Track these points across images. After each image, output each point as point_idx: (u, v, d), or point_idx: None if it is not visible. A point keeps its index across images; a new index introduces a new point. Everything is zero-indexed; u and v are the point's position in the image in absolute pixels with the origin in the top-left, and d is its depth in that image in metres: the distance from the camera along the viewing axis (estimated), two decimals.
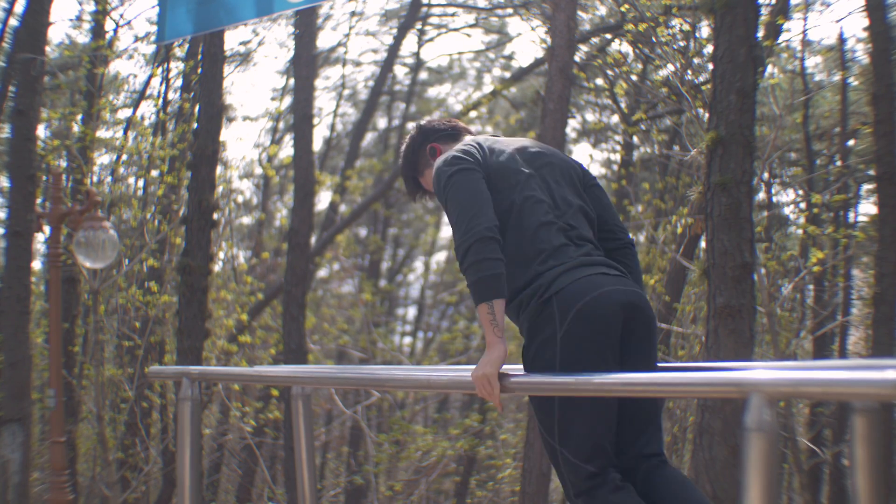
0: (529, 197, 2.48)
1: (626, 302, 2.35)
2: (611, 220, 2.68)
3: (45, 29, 8.14)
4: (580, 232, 2.50)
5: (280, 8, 4.45)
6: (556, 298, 2.33)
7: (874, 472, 1.76)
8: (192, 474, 3.09)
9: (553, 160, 2.64)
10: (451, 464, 12.29)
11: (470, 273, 2.32)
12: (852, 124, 9.69)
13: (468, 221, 2.35)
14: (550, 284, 2.35)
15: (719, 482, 4.64)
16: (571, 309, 2.30)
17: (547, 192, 2.52)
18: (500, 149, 2.60)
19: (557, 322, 2.32)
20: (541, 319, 2.36)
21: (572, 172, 2.65)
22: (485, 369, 2.26)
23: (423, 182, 2.84)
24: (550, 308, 2.34)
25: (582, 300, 2.30)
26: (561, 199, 2.53)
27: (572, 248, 2.43)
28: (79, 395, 9.67)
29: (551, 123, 8.09)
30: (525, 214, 2.45)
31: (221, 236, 11.71)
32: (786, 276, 8.51)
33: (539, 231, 2.43)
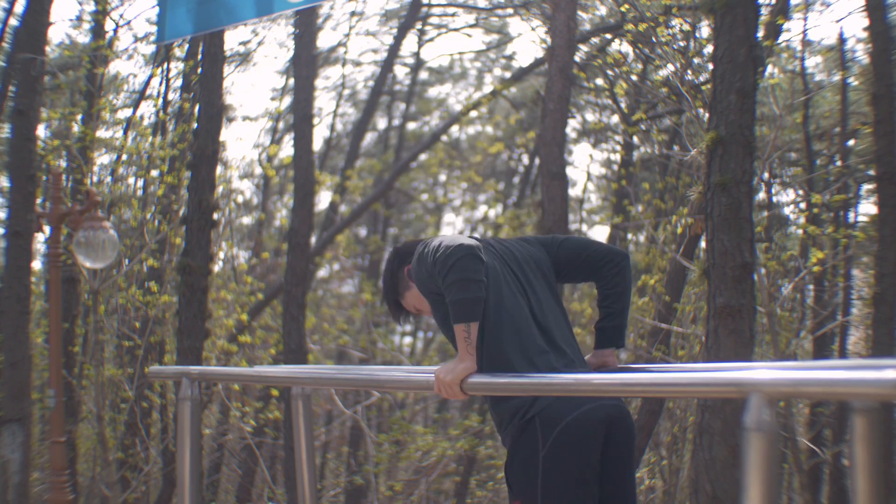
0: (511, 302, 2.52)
1: (606, 417, 2.42)
2: (596, 252, 2.72)
3: (45, 29, 8.14)
4: (558, 335, 2.55)
5: (280, 8, 4.45)
6: (539, 418, 2.39)
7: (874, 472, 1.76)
8: (192, 474, 3.09)
9: (518, 255, 2.67)
10: (451, 464, 12.29)
11: (453, 289, 2.35)
12: (852, 124, 9.69)
13: (454, 239, 2.40)
14: (533, 403, 2.41)
15: (719, 482, 4.64)
16: (554, 430, 2.37)
17: (524, 295, 2.57)
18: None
19: (540, 442, 2.38)
20: (524, 438, 2.42)
21: (540, 262, 2.70)
22: (450, 376, 2.35)
23: (406, 304, 2.87)
24: (533, 427, 2.40)
25: (564, 421, 2.37)
26: (535, 299, 2.58)
27: (552, 356, 2.49)
28: (79, 395, 9.66)
29: (551, 123, 8.09)
30: (504, 315, 2.49)
31: (221, 236, 11.71)
32: (786, 276, 8.51)
33: (518, 338, 2.47)
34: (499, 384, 2.42)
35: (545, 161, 8.27)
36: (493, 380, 2.42)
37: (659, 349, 8.58)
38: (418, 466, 11.92)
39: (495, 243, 2.71)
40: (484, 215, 19.38)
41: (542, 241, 2.79)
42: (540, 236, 2.85)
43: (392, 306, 2.92)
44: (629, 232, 12.10)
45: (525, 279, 2.62)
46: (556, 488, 2.36)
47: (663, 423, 9.44)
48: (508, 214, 15.51)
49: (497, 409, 2.53)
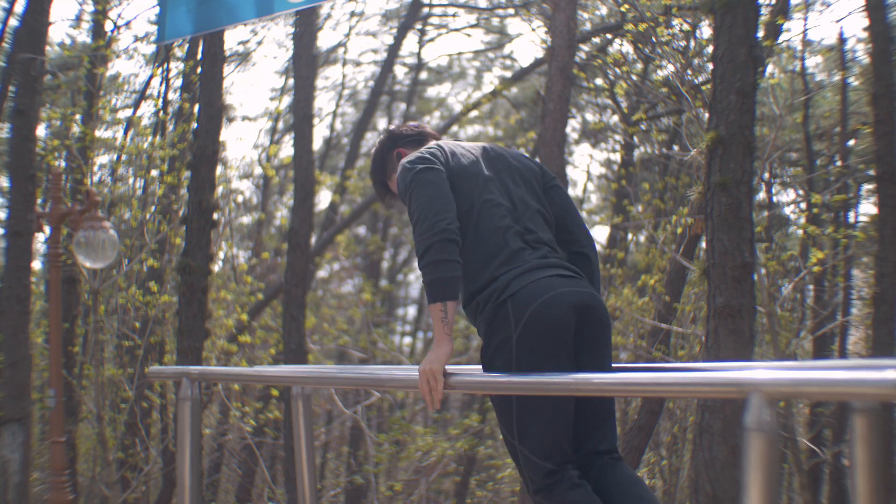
0: (488, 200, 2.56)
1: (579, 302, 2.44)
2: (571, 222, 2.76)
3: (45, 29, 8.14)
4: (537, 235, 2.58)
5: (280, 8, 4.45)
6: (511, 301, 2.42)
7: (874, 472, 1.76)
8: (192, 474, 3.09)
9: (513, 163, 2.72)
10: (451, 464, 12.29)
11: (427, 271, 2.40)
12: (852, 124, 9.69)
13: (430, 218, 2.43)
14: (505, 287, 2.44)
15: (719, 482, 4.64)
16: (525, 311, 2.39)
17: (506, 196, 2.61)
18: (462, 152, 2.69)
19: (512, 324, 2.41)
20: (497, 321, 2.45)
21: (531, 175, 2.74)
22: (431, 365, 2.36)
23: (391, 185, 2.92)
24: (505, 310, 2.43)
25: (535, 302, 2.39)
26: (519, 201, 2.62)
27: (528, 252, 2.52)
28: (79, 395, 9.66)
29: (551, 123, 8.09)
30: (483, 218, 2.54)
31: (221, 236, 11.71)
32: (786, 276, 8.51)
33: (496, 235, 2.52)
34: (481, 382, 2.44)
35: (545, 161, 8.26)
36: (478, 378, 2.44)
37: (659, 349, 8.58)
38: (418, 466, 11.92)
39: (491, 150, 2.75)
40: None
41: (543, 168, 2.82)
42: (542, 165, 2.86)
43: (378, 185, 2.96)
44: (629, 232, 12.10)
45: (513, 182, 2.66)
46: (530, 368, 2.37)
47: (663, 423, 9.44)
48: None
49: (469, 296, 2.54)
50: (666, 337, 8.76)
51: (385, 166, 2.90)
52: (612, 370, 2.54)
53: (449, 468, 12.44)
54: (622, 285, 10.42)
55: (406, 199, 2.55)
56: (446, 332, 2.38)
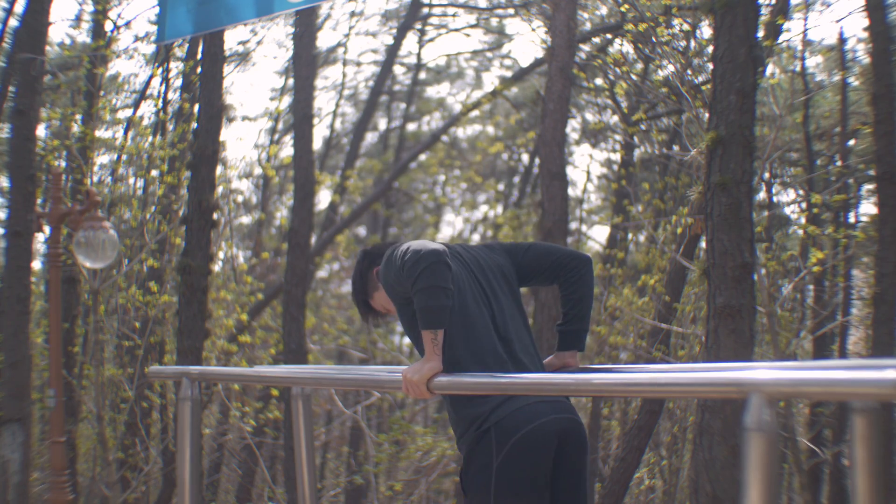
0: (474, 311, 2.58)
1: (561, 430, 2.50)
2: (557, 260, 2.79)
3: (45, 29, 8.14)
4: (518, 346, 2.62)
5: (280, 8, 4.45)
6: (495, 430, 2.46)
7: (874, 472, 1.76)
8: (192, 474, 3.09)
9: (483, 263, 2.73)
10: (451, 464, 12.28)
11: (421, 297, 2.40)
12: (852, 124, 9.68)
13: (423, 244, 2.45)
14: (489, 415, 2.48)
15: (719, 482, 4.64)
16: (509, 441, 2.44)
17: (487, 304, 2.63)
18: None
19: (494, 453, 2.45)
20: (479, 447, 2.49)
21: (503, 270, 2.76)
22: (417, 376, 2.42)
23: (374, 304, 2.93)
24: (488, 438, 2.47)
25: (518, 433, 2.44)
26: (497, 307, 2.65)
27: (510, 367, 2.56)
28: (79, 395, 9.66)
29: (551, 123, 8.09)
30: (468, 328, 2.55)
31: (221, 236, 11.70)
32: (786, 276, 8.51)
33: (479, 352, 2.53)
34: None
35: (545, 161, 8.27)
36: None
37: (659, 349, 8.58)
38: (418, 466, 11.92)
39: (461, 250, 2.76)
40: (484, 215, 19.39)
41: (507, 249, 2.85)
42: (505, 243, 2.91)
43: (361, 306, 2.97)
44: (629, 232, 12.10)
45: (489, 288, 2.68)
46: (509, 496, 2.43)
47: (663, 423, 9.44)
48: (508, 214, 15.50)
49: (456, 418, 2.60)
50: (666, 337, 8.75)
51: (366, 286, 2.91)
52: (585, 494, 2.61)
53: (449, 468, 12.43)
54: (622, 285, 10.42)
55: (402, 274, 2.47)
56: (436, 352, 2.43)
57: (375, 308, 2.93)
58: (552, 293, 7.59)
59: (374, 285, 2.86)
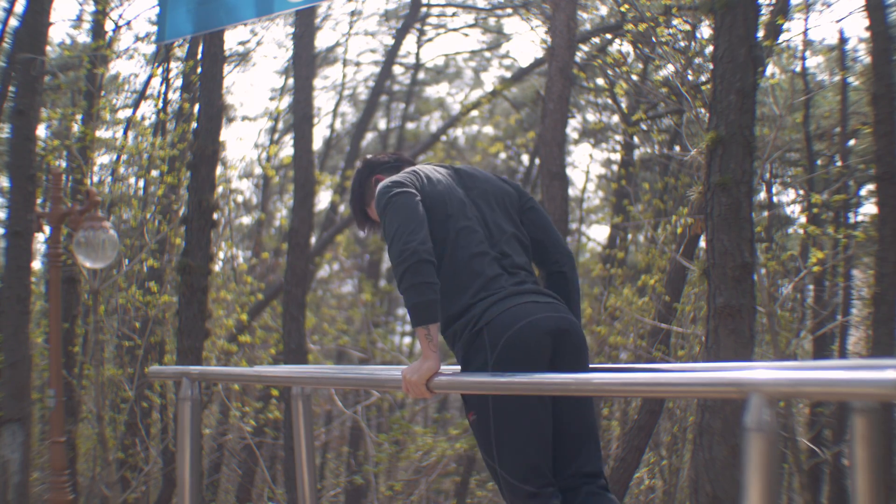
0: (464, 227, 2.59)
1: (554, 328, 2.48)
2: (549, 242, 2.80)
3: (46, 29, 8.13)
4: (513, 260, 2.61)
5: (280, 8, 4.45)
6: (487, 329, 2.46)
7: (874, 472, 1.76)
8: (192, 474, 3.09)
9: (488, 187, 2.75)
10: (451, 464, 12.29)
11: (408, 295, 2.42)
12: (852, 124, 9.69)
13: (404, 239, 2.45)
14: (482, 315, 2.48)
15: (719, 482, 4.64)
16: (501, 339, 2.43)
17: (481, 221, 2.64)
18: (437, 177, 2.71)
19: (488, 351, 2.44)
20: (473, 349, 2.48)
21: (507, 198, 2.77)
22: (416, 375, 2.41)
23: (371, 213, 2.96)
24: (482, 338, 2.46)
25: (510, 330, 2.43)
26: (495, 226, 2.65)
27: (505, 278, 2.56)
28: (79, 395, 9.66)
29: (551, 123, 8.09)
30: (460, 245, 2.57)
31: (221, 236, 11.71)
32: (786, 276, 8.51)
33: (472, 261, 2.55)
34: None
35: (545, 161, 8.27)
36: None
37: (659, 349, 8.58)
38: (418, 466, 11.92)
39: (466, 173, 2.78)
40: None
41: (519, 190, 2.86)
42: (520, 187, 2.91)
43: (357, 214, 3.01)
44: (629, 232, 12.10)
45: (487, 207, 2.69)
46: (506, 395, 2.41)
47: (663, 423, 9.44)
48: None
49: (447, 324, 2.58)
50: (666, 337, 8.75)
51: (364, 194, 2.95)
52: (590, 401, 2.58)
53: (449, 468, 12.43)
54: (622, 285, 10.42)
55: (382, 223, 2.58)
56: (432, 349, 2.42)
57: (371, 217, 2.96)
58: None
59: (371, 194, 2.86)
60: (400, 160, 2.98)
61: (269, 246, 15.45)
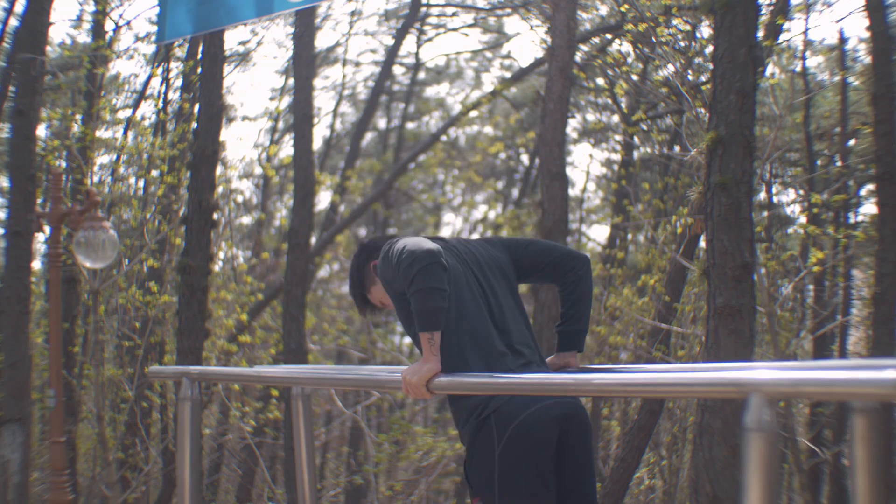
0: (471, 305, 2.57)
1: (561, 415, 2.48)
2: (556, 259, 2.79)
3: (46, 29, 8.13)
4: (516, 337, 2.61)
5: (280, 8, 4.45)
6: (494, 416, 2.45)
7: (874, 472, 1.76)
8: (192, 474, 3.09)
9: (480, 259, 2.73)
10: (451, 464, 12.28)
11: (416, 298, 2.40)
12: (852, 124, 9.69)
13: (418, 244, 2.44)
14: (489, 402, 2.47)
15: (719, 482, 4.64)
16: (508, 427, 2.43)
17: (484, 298, 2.63)
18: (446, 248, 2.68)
19: (496, 440, 2.44)
20: (480, 436, 2.48)
21: (500, 264, 2.76)
22: (416, 377, 2.41)
23: (372, 298, 2.93)
24: (489, 425, 2.46)
25: (518, 418, 2.42)
26: (495, 302, 2.64)
27: (509, 358, 2.55)
28: (79, 395, 9.66)
29: (551, 123, 8.09)
30: (463, 318, 2.55)
31: (221, 236, 11.71)
32: (786, 276, 8.51)
33: (477, 341, 2.53)
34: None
35: (545, 161, 8.27)
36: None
37: (659, 349, 8.58)
38: (418, 466, 11.92)
39: (459, 245, 2.76)
40: (484, 215, 19.39)
41: (506, 244, 2.85)
42: (505, 238, 2.91)
43: (358, 300, 2.98)
44: (629, 232, 12.10)
45: (486, 281, 2.68)
46: (513, 483, 2.42)
47: (663, 423, 9.44)
48: (508, 214, 15.50)
49: (456, 408, 2.60)
50: (666, 337, 8.75)
51: (363, 280, 2.91)
52: (592, 478, 2.59)
53: (449, 468, 12.43)
54: (622, 285, 10.42)
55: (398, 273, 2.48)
56: (433, 352, 2.42)
57: (373, 302, 2.94)
58: (552, 293, 7.59)
59: (371, 279, 2.86)
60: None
61: (269, 246, 15.45)
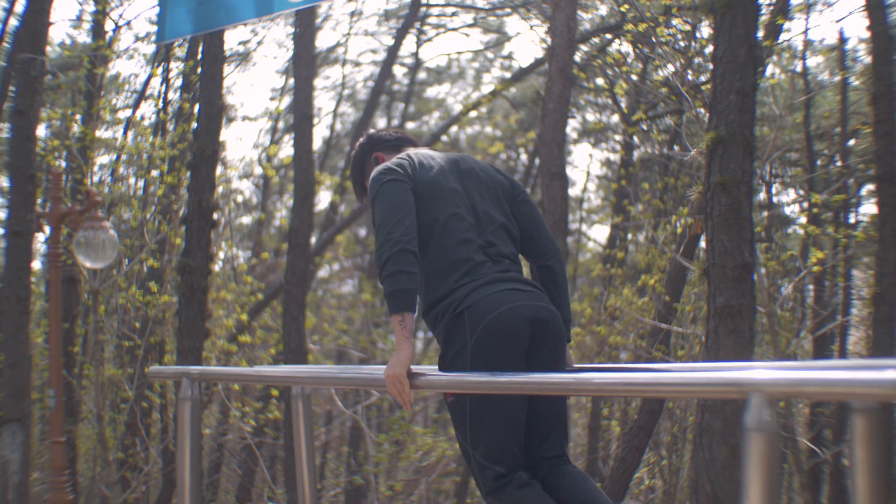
0: (453, 214, 2.66)
1: (533, 317, 2.55)
2: (538, 235, 2.86)
3: (46, 29, 8.13)
4: (499, 249, 2.69)
5: (280, 8, 4.45)
6: (468, 312, 2.53)
7: (874, 472, 1.76)
8: (192, 474, 3.09)
9: (481, 176, 2.82)
10: (451, 464, 12.29)
11: (387, 283, 2.51)
12: (852, 124, 9.69)
13: (389, 229, 2.54)
14: (463, 299, 2.55)
15: (719, 482, 4.64)
16: (480, 322, 2.50)
17: (470, 209, 2.71)
18: (431, 164, 2.78)
19: (468, 334, 2.52)
20: (453, 332, 2.56)
21: (499, 188, 2.83)
22: (394, 369, 2.47)
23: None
24: (462, 321, 2.54)
25: (490, 314, 2.50)
26: (484, 214, 2.72)
27: (489, 265, 2.63)
28: (79, 395, 9.66)
29: (551, 123, 8.09)
30: (447, 231, 2.64)
31: (221, 236, 11.71)
32: (786, 276, 8.51)
33: (458, 248, 2.62)
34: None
35: (545, 161, 8.27)
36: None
37: (659, 349, 8.58)
38: (418, 466, 11.93)
39: (460, 160, 2.84)
40: None
41: (514, 184, 2.91)
42: (513, 179, 2.95)
43: (357, 186, 3.09)
44: (629, 232, 12.10)
45: (479, 195, 2.75)
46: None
47: (663, 423, 9.45)
48: None
49: (430, 306, 2.64)
50: (666, 337, 8.76)
51: (363, 168, 3.03)
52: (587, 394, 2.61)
53: (449, 468, 12.43)
54: (622, 285, 10.42)
55: (372, 210, 2.66)
56: (405, 335, 2.49)
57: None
58: None
59: (371, 169, 2.94)
60: (402, 140, 3.05)
61: (269, 246, 15.45)
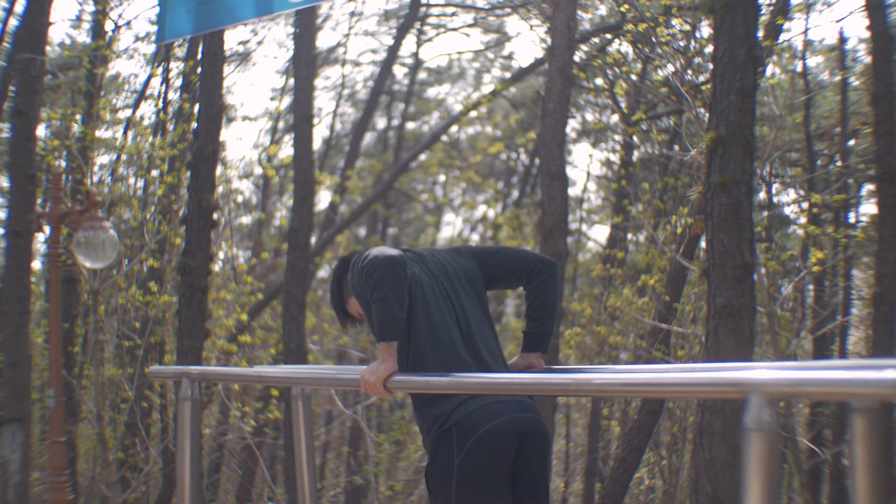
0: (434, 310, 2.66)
1: (521, 429, 2.57)
2: (523, 264, 2.86)
3: (46, 29, 8.13)
4: (480, 345, 2.69)
5: (280, 8, 4.45)
6: (455, 429, 2.54)
7: (874, 472, 1.76)
8: (192, 474, 3.09)
9: (450, 268, 2.81)
10: None
11: (377, 306, 2.50)
12: (852, 124, 9.69)
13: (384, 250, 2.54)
14: (450, 415, 2.56)
15: (719, 482, 4.64)
16: (468, 440, 2.51)
17: (449, 306, 2.71)
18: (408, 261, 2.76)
19: (455, 451, 2.53)
20: (441, 446, 2.57)
21: (470, 273, 2.84)
22: (372, 377, 2.52)
23: (350, 310, 3.00)
24: (450, 437, 2.55)
25: (477, 432, 2.52)
26: (460, 309, 2.72)
27: (472, 367, 2.63)
28: (79, 395, 9.66)
29: (551, 123, 8.09)
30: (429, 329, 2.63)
31: (221, 236, 11.70)
32: (786, 276, 8.51)
33: (441, 350, 2.62)
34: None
35: (545, 161, 8.27)
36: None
37: (659, 349, 8.58)
38: (418, 466, 11.92)
39: (428, 255, 2.85)
40: (483, 215, 19.39)
41: (475, 254, 2.92)
42: (473, 247, 2.97)
43: (338, 312, 3.04)
44: (629, 232, 12.10)
45: (453, 291, 2.76)
46: (469, 494, 2.50)
47: (663, 423, 9.44)
48: (508, 214, 15.51)
49: (420, 418, 2.67)
50: (666, 337, 8.75)
51: (342, 293, 2.98)
52: (547, 492, 2.67)
53: None
54: (622, 285, 10.42)
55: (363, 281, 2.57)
56: (391, 354, 2.52)
57: (351, 314, 3.00)
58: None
59: (349, 291, 2.92)
60: None
61: (269, 246, 15.45)
